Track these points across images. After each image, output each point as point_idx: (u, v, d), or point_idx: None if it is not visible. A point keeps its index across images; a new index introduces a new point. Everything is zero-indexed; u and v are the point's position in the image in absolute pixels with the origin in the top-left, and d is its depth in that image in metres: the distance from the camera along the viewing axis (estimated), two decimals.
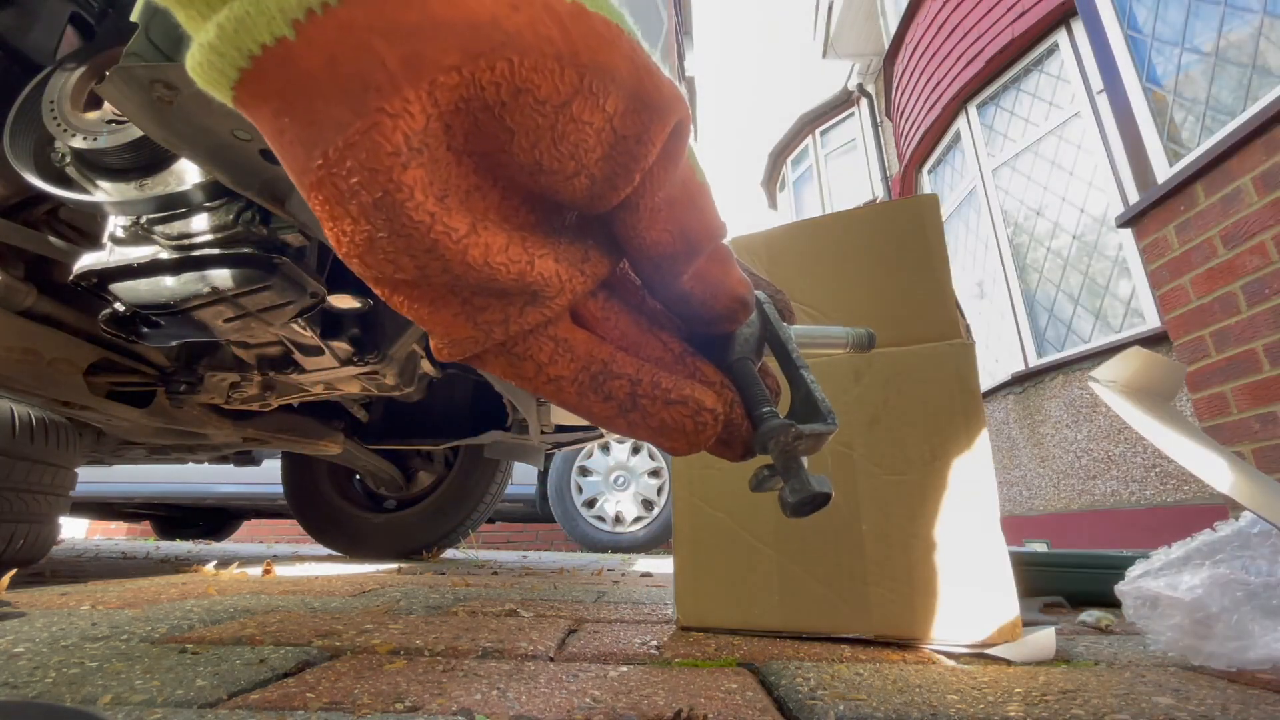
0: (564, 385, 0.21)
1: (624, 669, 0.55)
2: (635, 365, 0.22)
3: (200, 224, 0.78)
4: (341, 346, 1.09)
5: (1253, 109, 2.03)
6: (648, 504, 3.24)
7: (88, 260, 0.80)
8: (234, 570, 1.37)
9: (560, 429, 1.78)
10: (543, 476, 3.36)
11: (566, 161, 0.17)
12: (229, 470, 3.24)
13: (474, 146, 0.17)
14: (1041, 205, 3.70)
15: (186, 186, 0.74)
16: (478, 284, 0.18)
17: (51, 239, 0.90)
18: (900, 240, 0.76)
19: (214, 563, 1.52)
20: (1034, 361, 3.59)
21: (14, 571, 1.02)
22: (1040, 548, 1.53)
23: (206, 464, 2.40)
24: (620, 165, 0.18)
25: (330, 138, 0.15)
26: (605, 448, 3.26)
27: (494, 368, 0.21)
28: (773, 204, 8.92)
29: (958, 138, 4.38)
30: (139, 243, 0.80)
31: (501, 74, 0.15)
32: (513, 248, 0.18)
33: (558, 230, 0.20)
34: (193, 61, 0.15)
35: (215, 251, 0.78)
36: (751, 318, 0.25)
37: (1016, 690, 0.49)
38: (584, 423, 1.66)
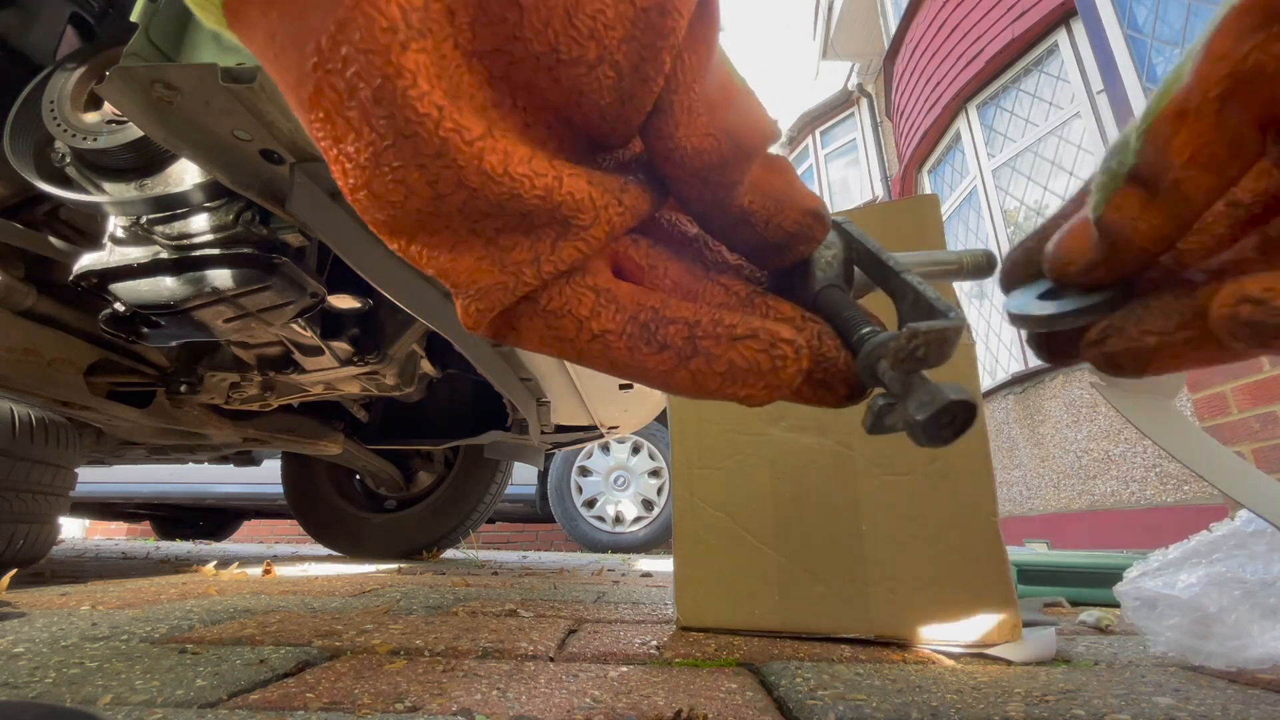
0: (611, 341, 0.18)
1: (624, 669, 0.55)
2: (692, 308, 0.19)
3: (200, 224, 0.78)
4: (341, 346, 1.09)
5: None
6: (648, 504, 3.24)
7: (88, 260, 0.80)
8: (234, 570, 1.37)
9: (560, 429, 1.78)
10: (543, 476, 3.36)
11: (586, 43, 0.15)
12: (229, 470, 3.24)
13: (483, 43, 0.15)
14: (1041, 205, 3.70)
15: (186, 187, 0.74)
16: (499, 205, 0.16)
17: (51, 239, 0.90)
18: (900, 240, 0.76)
19: (214, 563, 1.52)
20: (1034, 361, 3.60)
21: (14, 571, 1.02)
22: (1040, 548, 1.53)
23: (206, 464, 2.40)
24: (646, 46, 0.16)
25: (322, 24, 0.14)
26: (605, 448, 3.26)
27: (530, 335, 0.19)
28: None
29: (958, 138, 4.38)
30: (139, 243, 0.80)
31: None
32: (537, 160, 0.16)
33: (588, 157, 0.18)
34: None
35: (215, 251, 0.78)
36: (830, 238, 0.21)
37: (1016, 690, 0.49)
38: (584, 422, 1.66)
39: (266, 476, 2.80)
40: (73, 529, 5.25)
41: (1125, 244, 0.19)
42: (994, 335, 3.97)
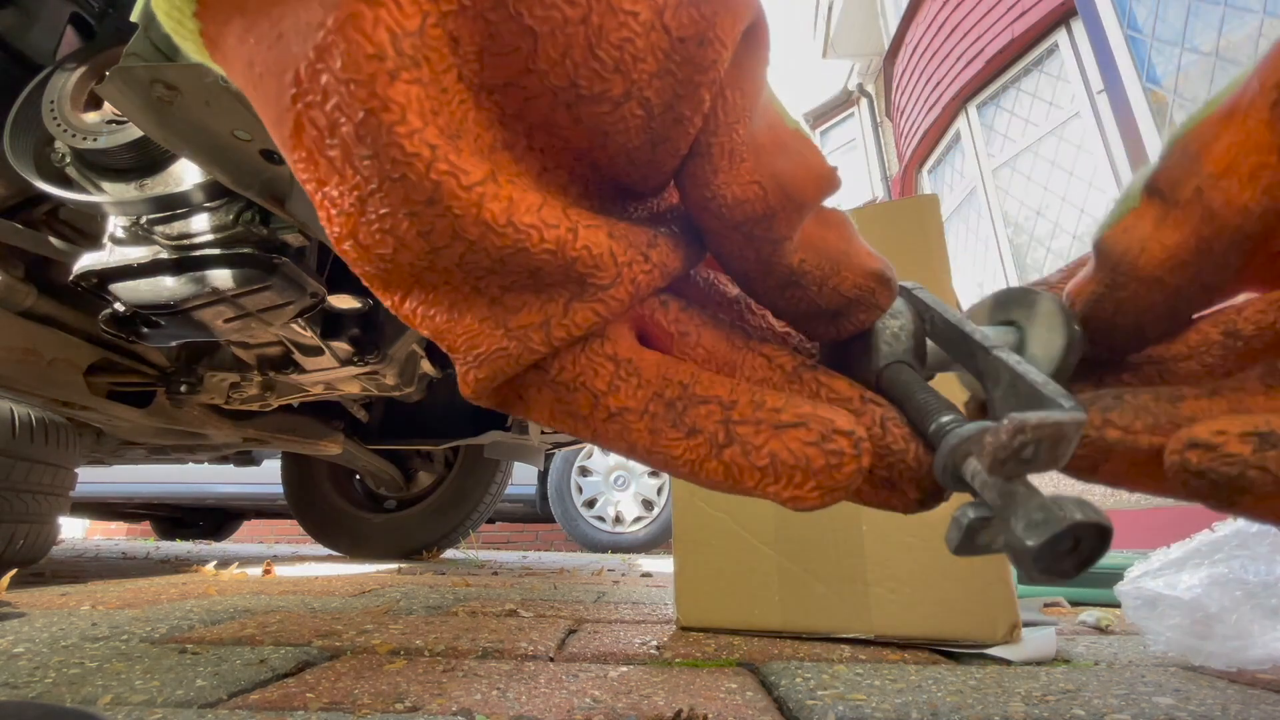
0: (630, 421, 0.15)
1: (624, 669, 0.55)
2: (728, 386, 0.16)
3: (200, 224, 0.78)
4: (341, 347, 1.09)
5: None
6: (648, 504, 3.24)
7: (88, 260, 0.80)
8: (234, 570, 1.37)
9: None
10: (543, 476, 3.36)
11: (611, 77, 0.13)
12: (229, 470, 3.24)
13: (493, 76, 0.13)
14: (1041, 205, 3.70)
15: (186, 187, 0.74)
16: (504, 260, 0.14)
17: (51, 239, 0.90)
18: (900, 240, 0.76)
19: (214, 563, 1.52)
20: None
21: (14, 571, 1.02)
22: None
23: (206, 464, 2.40)
24: (682, 81, 0.14)
25: (302, 50, 0.12)
26: None
27: (539, 407, 0.16)
28: None
29: (958, 138, 4.38)
30: (139, 243, 0.80)
31: None
32: (548, 209, 0.14)
33: (613, 206, 0.16)
34: (157, 3, 0.13)
35: (215, 252, 0.78)
36: (896, 306, 0.18)
37: (1016, 690, 0.49)
38: None
39: (266, 476, 2.80)
40: (73, 529, 5.25)
41: (1129, 271, 0.16)
42: None
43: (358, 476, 2.16)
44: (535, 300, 0.15)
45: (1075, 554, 0.12)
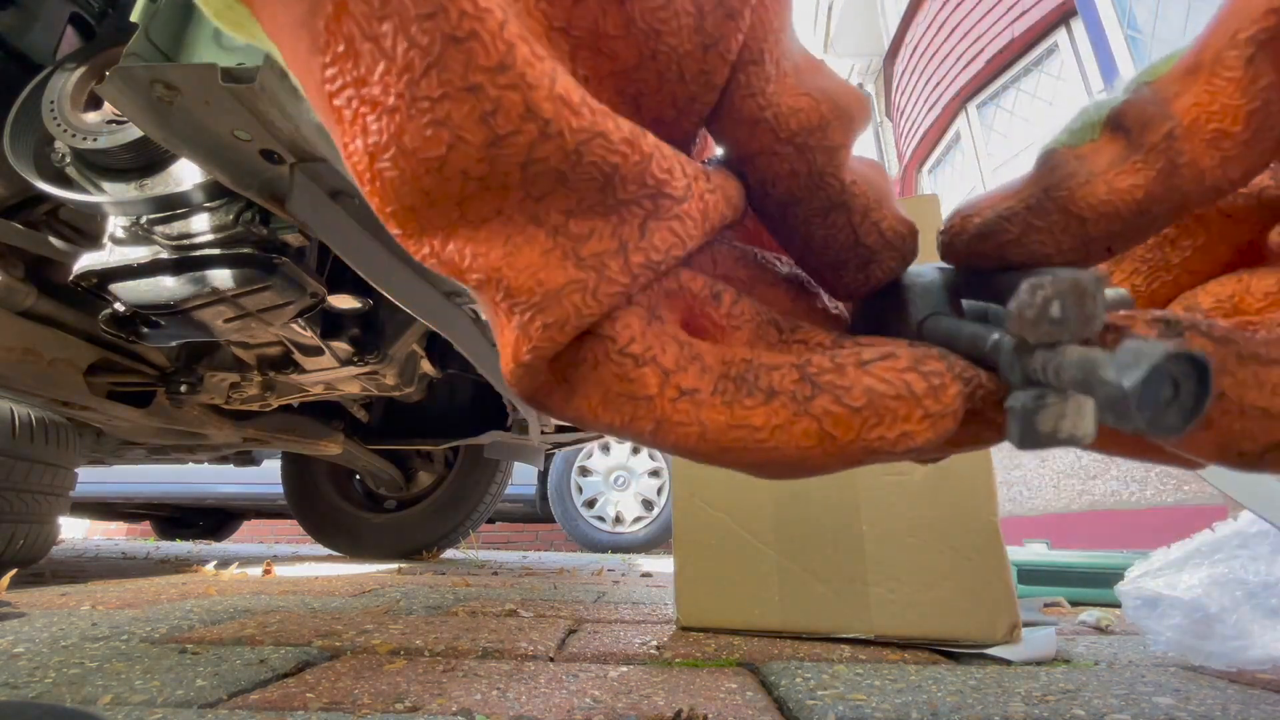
0: (703, 399, 0.14)
1: (624, 669, 0.55)
2: (797, 348, 0.15)
3: (200, 224, 0.78)
4: (341, 347, 1.09)
5: None
6: (648, 504, 3.24)
7: (88, 260, 0.80)
8: (234, 570, 1.37)
9: (560, 429, 1.78)
10: (543, 476, 3.36)
11: None
12: (229, 470, 3.24)
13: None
14: None
15: (186, 187, 0.74)
16: (577, 160, 0.12)
17: (51, 239, 0.90)
18: None
19: (214, 563, 1.52)
20: None
21: (14, 571, 1.02)
22: (1040, 548, 1.53)
23: (206, 464, 2.40)
24: None
25: None
26: (605, 448, 3.26)
27: (591, 389, 0.14)
28: None
29: (958, 138, 4.38)
30: (139, 243, 0.80)
31: None
32: (617, 112, 0.13)
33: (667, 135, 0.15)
34: None
35: (215, 252, 0.78)
36: (921, 267, 0.18)
37: (1016, 690, 0.49)
38: None
39: (266, 476, 2.79)
40: (73, 529, 5.25)
41: (1062, 199, 0.15)
42: None
43: (358, 476, 2.16)
44: (605, 225, 0.13)
45: (1177, 402, 0.11)
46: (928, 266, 0.18)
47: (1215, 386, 0.12)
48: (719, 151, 0.17)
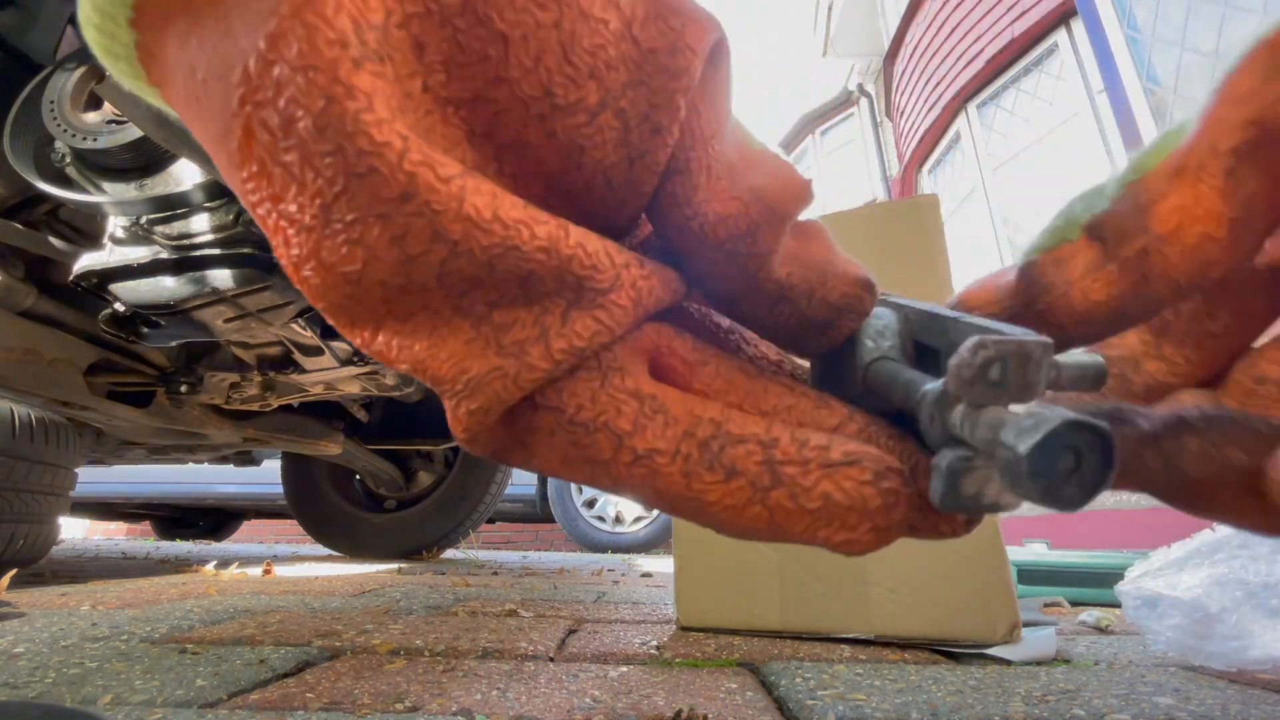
0: (660, 465, 0.14)
1: (624, 669, 0.55)
2: (763, 423, 0.14)
3: (200, 224, 0.78)
4: (341, 346, 1.09)
5: None
6: None
7: (88, 260, 0.80)
8: (234, 570, 1.37)
9: None
10: (543, 476, 3.36)
11: (585, 84, 0.13)
12: (229, 470, 3.24)
13: (461, 88, 0.12)
14: (1041, 205, 3.70)
15: (186, 187, 0.74)
16: (491, 265, 0.12)
17: (51, 239, 0.90)
18: (900, 241, 0.76)
19: (214, 563, 1.53)
20: None
21: (14, 571, 1.02)
22: (1040, 548, 1.53)
23: (206, 464, 2.40)
24: (656, 90, 0.13)
25: (251, 43, 0.11)
26: None
27: (549, 453, 0.14)
28: None
29: (958, 138, 4.39)
30: (139, 243, 0.80)
31: None
32: (533, 208, 0.13)
33: (599, 227, 0.15)
34: (82, 13, 0.12)
35: (215, 252, 0.78)
36: (877, 309, 0.18)
37: (1016, 690, 0.49)
38: None
39: (266, 476, 2.80)
40: (73, 529, 5.25)
41: (1043, 312, 0.16)
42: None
43: (358, 476, 2.16)
44: (528, 314, 0.13)
45: (1078, 474, 0.11)
46: (887, 308, 0.18)
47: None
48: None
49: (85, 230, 0.95)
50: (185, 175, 0.75)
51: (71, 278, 0.81)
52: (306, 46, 0.11)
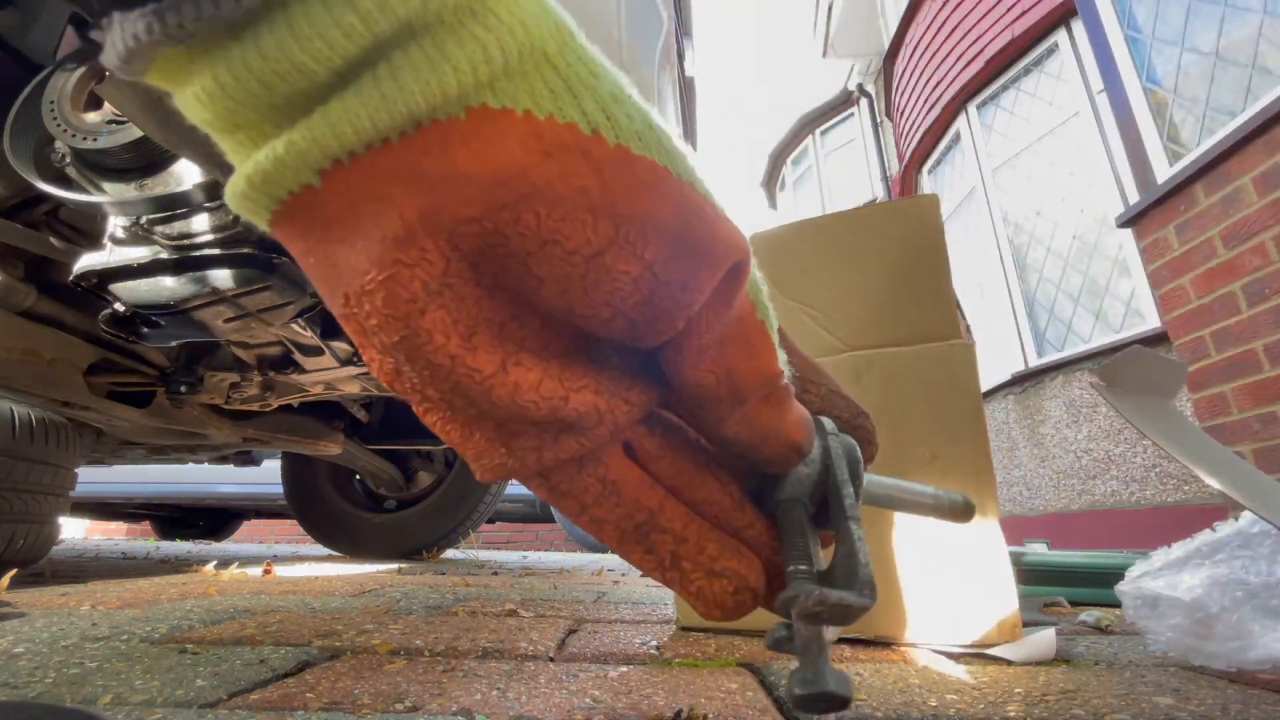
0: (606, 529, 0.20)
1: (624, 669, 0.55)
2: (684, 520, 0.20)
3: (200, 224, 0.78)
4: (342, 346, 1.09)
5: (1253, 109, 2.03)
6: None
7: (88, 260, 0.80)
8: (234, 570, 1.37)
9: None
10: None
11: (600, 308, 0.16)
12: (229, 470, 3.24)
13: (505, 283, 0.16)
14: (1041, 205, 3.70)
15: (186, 187, 0.74)
16: (507, 417, 0.17)
17: (51, 239, 0.90)
18: (900, 240, 0.76)
19: (214, 563, 1.52)
20: (1034, 361, 3.59)
21: (14, 571, 1.02)
22: (1040, 548, 1.53)
23: (206, 464, 2.40)
24: (662, 310, 0.17)
25: (350, 281, 0.15)
26: None
27: (538, 493, 0.20)
28: (773, 204, 8.92)
29: (958, 138, 4.38)
30: (139, 243, 0.80)
31: (527, 226, 0.15)
32: (546, 383, 0.17)
33: (602, 358, 0.19)
34: (231, 192, 0.15)
35: (215, 252, 0.78)
36: (814, 454, 0.22)
37: (1016, 690, 0.49)
38: None
39: (266, 476, 2.80)
40: (73, 529, 5.24)
41: None
42: (994, 335, 3.98)
43: (358, 476, 2.16)
44: (532, 431, 0.18)
45: (822, 705, 0.17)
46: (817, 456, 0.22)
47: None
48: None
49: (85, 230, 0.95)
50: (185, 175, 0.75)
51: (71, 278, 0.81)
52: (388, 302, 0.15)
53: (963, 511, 0.27)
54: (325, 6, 0.13)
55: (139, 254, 0.79)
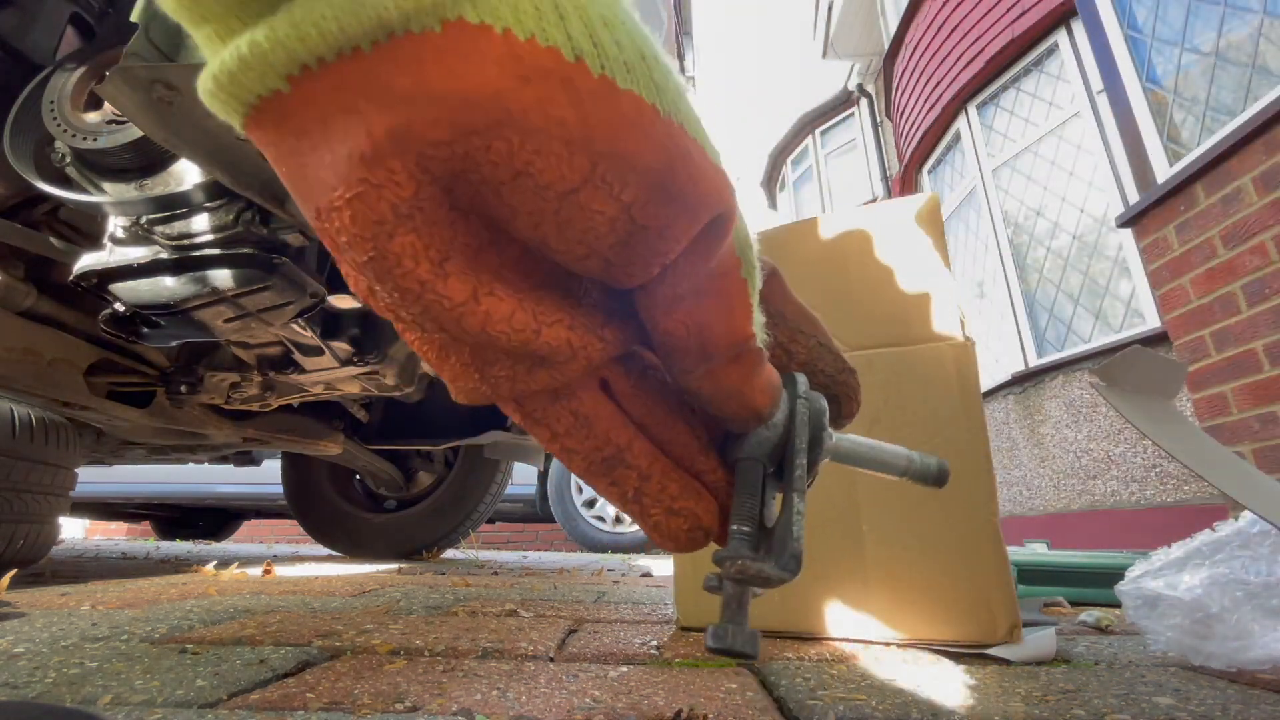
0: (574, 459, 0.21)
1: (624, 669, 0.55)
2: (650, 458, 0.21)
3: (200, 224, 0.78)
4: (341, 347, 1.09)
5: (1253, 109, 2.03)
6: None
7: (88, 260, 0.80)
8: (234, 570, 1.37)
9: None
10: (543, 476, 3.36)
11: (574, 246, 0.16)
12: (229, 470, 3.24)
13: (480, 209, 0.16)
14: (1041, 205, 3.70)
15: (186, 187, 0.74)
16: (480, 344, 0.17)
17: (51, 239, 0.90)
18: (900, 241, 0.76)
19: (214, 563, 1.52)
20: (1034, 361, 3.59)
21: (14, 571, 1.02)
22: (1040, 548, 1.53)
23: (206, 464, 2.40)
24: (637, 255, 0.16)
25: (320, 195, 0.14)
26: None
27: (513, 415, 0.20)
28: (773, 204, 8.92)
29: (958, 138, 4.38)
30: (139, 243, 0.80)
31: (499, 154, 0.14)
32: (518, 315, 0.17)
33: (580, 292, 0.19)
34: (201, 88, 0.14)
35: (215, 252, 0.78)
36: (778, 418, 0.22)
37: (1016, 690, 0.49)
38: None
39: (266, 476, 2.80)
40: (73, 529, 5.24)
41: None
42: (994, 335, 3.98)
43: (358, 476, 2.16)
44: (506, 360, 0.18)
45: (734, 657, 0.20)
46: (781, 420, 0.23)
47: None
48: None
49: (85, 230, 0.95)
50: (185, 175, 0.75)
51: (71, 278, 0.81)
52: (356, 221, 0.14)
53: (935, 477, 0.26)
54: None
55: (139, 254, 0.79)
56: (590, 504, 3.26)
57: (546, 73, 0.14)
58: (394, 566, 1.71)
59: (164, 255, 0.79)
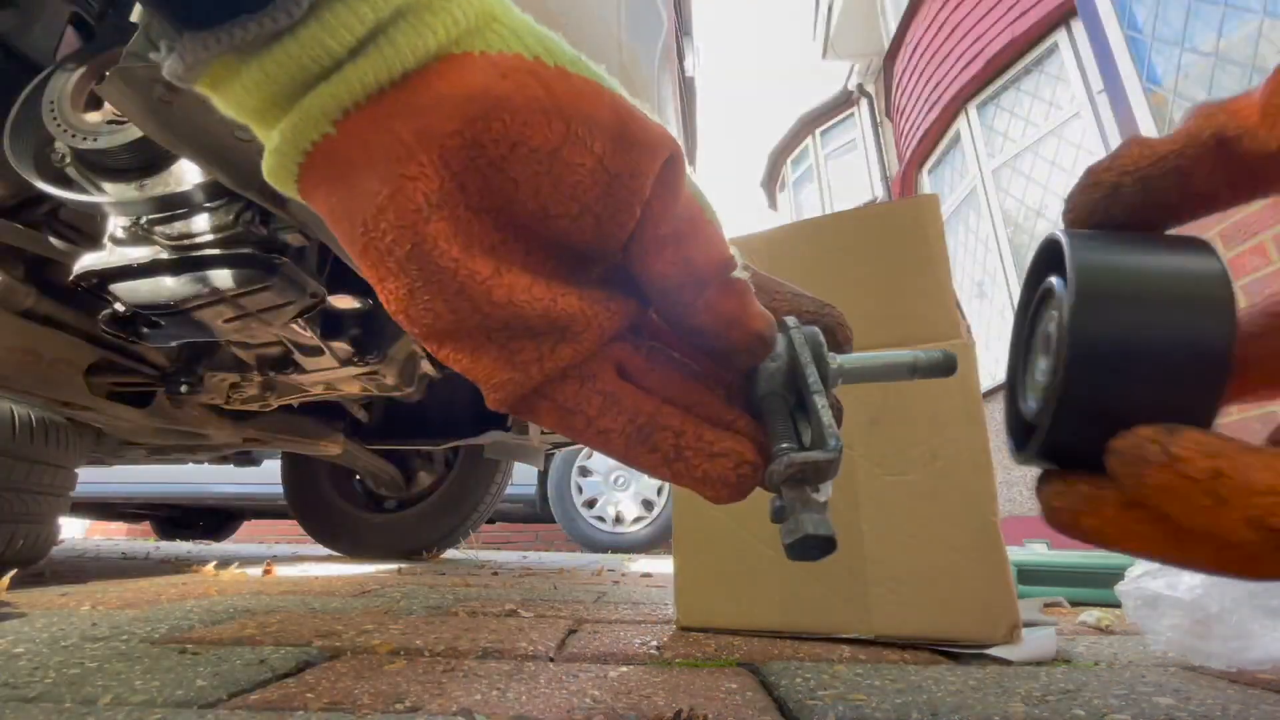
0: (613, 438, 0.22)
1: (624, 669, 0.55)
2: (680, 418, 0.23)
3: (200, 224, 0.78)
4: (341, 347, 1.09)
5: None
6: (648, 504, 3.23)
7: (88, 260, 0.80)
8: (234, 570, 1.37)
9: None
10: (543, 476, 3.36)
11: (569, 203, 0.20)
12: (229, 470, 3.23)
13: (489, 203, 0.20)
14: (1041, 205, 3.70)
15: (186, 187, 0.74)
16: (507, 322, 0.20)
17: (51, 239, 0.90)
18: (900, 240, 0.76)
19: (214, 563, 1.52)
20: None
21: (14, 572, 1.02)
22: (1040, 548, 1.53)
23: (206, 464, 2.40)
24: (619, 199, 0.20)
25: (367, 206, 0.18)
26: None
27: (547, 420, 0.23)
28: (773, 204, 8.92)
29: (958, 138, 4.38)
30: (139, 243, 0.80)
31: (498, 131, 0.18)
32: (536, 287, 0.20)
33: (582, 274, 0.22)
34: (266, 166, 0.19)
35: (215, 252, 0.78)
36: (778, 350, 0.24)
37: (1016, 690, 0.49)
38: None
39: (266, 476, 2.79)
40: (73, 529, 5.24)
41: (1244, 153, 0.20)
42: (994, 335, 3.98)
43: (358, 476, 2.16)
44: (531, 343, 0.21)
45: (806, 547, 0.21)
46: (782, 350, 0.24)
47: None
48: None
49: (85, 230, 0.95)
50: (186, 175, 0.75)
51: (71, 278, 0.81)
52: (399, 213, 0.18)
53: (944, 366, 0.28)
54: (345, 3, 0.17)
55: (139, 254, 0.79)
56: (590, 504, 3.26)
57: (517, 68, 0.19)
58: (394, 567, 1.71)
59: (164, 255, 0.79)
